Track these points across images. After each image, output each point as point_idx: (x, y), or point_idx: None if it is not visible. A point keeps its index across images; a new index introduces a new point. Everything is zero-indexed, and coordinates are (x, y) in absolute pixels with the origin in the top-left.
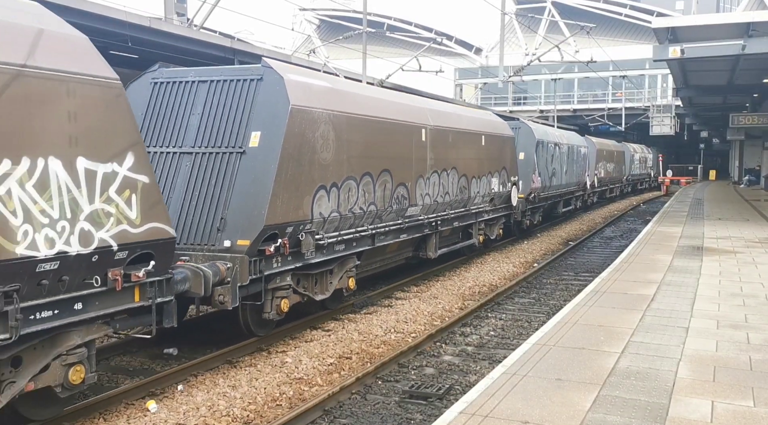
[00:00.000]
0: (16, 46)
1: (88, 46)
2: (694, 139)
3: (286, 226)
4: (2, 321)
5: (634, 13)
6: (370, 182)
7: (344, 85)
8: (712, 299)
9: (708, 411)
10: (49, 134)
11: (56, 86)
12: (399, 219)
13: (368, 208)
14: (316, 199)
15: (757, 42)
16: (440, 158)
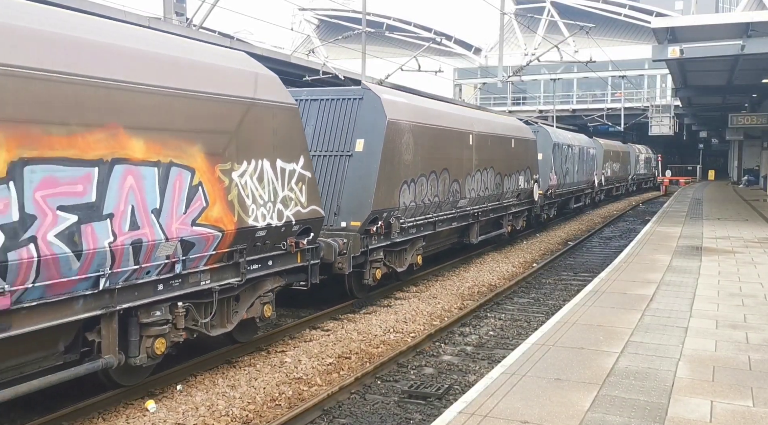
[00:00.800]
0: (248, 86)
1: (279, 82)
2: (693, 139)
3: (383, 212)
4: (236, 269)
5: (633, 13)
6: (434, 178)
7: (416, 100)
8: (711, 299)
9: (707, 411)
10: (263, 144)
11: (267, 111)
12: (452, 210)
13: (433, 200)
14: (401, 191)
15: (756, 42)
16: (482, 159)
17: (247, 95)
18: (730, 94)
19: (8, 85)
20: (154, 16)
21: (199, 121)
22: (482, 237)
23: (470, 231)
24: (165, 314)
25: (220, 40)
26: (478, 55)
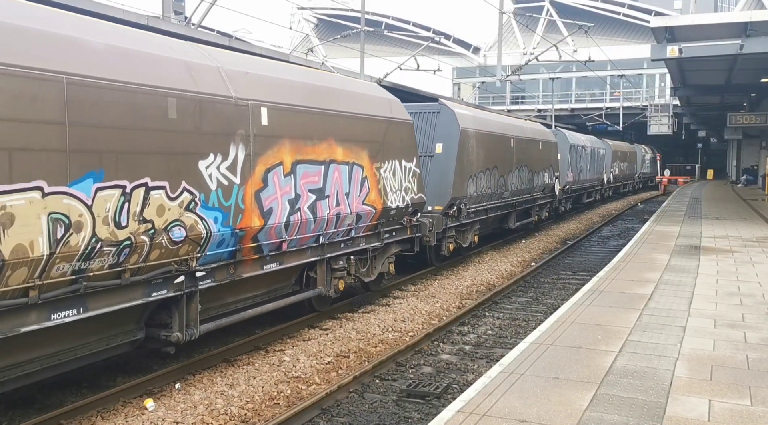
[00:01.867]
0: (387, 108)
1: (401, 105)
2: (692, 139)
3: (457, 199)
4: (378, 237)
5: (632, 12)
6: (488, 174)
7: (477, 112)
8: (710, 298)
9: (705, 410)
10: (395, 149)
11: (397, 126)
12: (499, 200)
13: (487, 191)
14: (468, 183)
15: (755, 41)
16: (519, 158)
17: (387, 115)
18: (728, 93)
19: (296, 118)
20: (153, 15)
21: (366, 135)
22: (517, 223)
23: (509, 218)
24: (344, 264)
25: (219, 39)
26: (477, 55)
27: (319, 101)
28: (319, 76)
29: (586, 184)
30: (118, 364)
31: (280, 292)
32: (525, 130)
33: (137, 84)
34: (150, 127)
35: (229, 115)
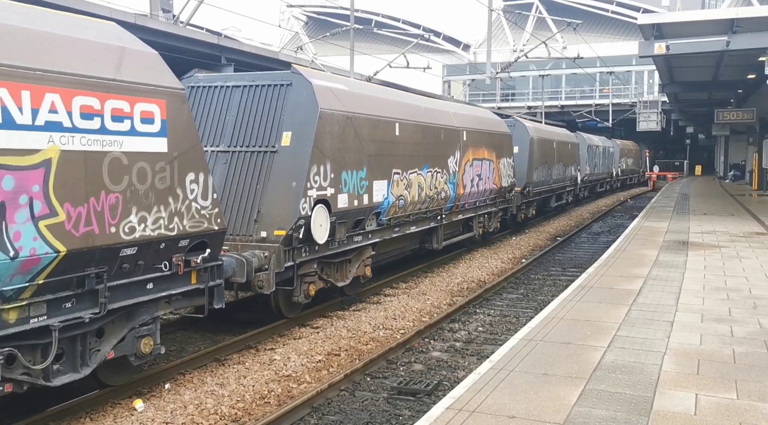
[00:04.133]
0: (501, 125)
1: (503, 122)
2: (680, 135)
3: (529, 183)
4: (495, 204)
5: (620, 9)
6: (543, 167)
7: (536, 124)
8: (697, 293)
9: (692, 403)
10: (503, 150)
11: (505, 136)
12: (547, 186)
13: (542, 179)
14: (533, 173)
15: (741, 38)
16: (558, 156)
17: (501, 130)
18: (716, 89)
19: (475, 136)
20: (140, 13)
21: (495, 143)
22: (555, 204)
23: (551, 200)
24: (481, 220)
25: (208, 38)
26: (467, 52)
27: (482, 125)
28: (480, 111)
29: (599, 176)
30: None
31: (454, 236)
32: (560, 135)
33: (443, 125)
34: (434, 143)
35: (455, 136)
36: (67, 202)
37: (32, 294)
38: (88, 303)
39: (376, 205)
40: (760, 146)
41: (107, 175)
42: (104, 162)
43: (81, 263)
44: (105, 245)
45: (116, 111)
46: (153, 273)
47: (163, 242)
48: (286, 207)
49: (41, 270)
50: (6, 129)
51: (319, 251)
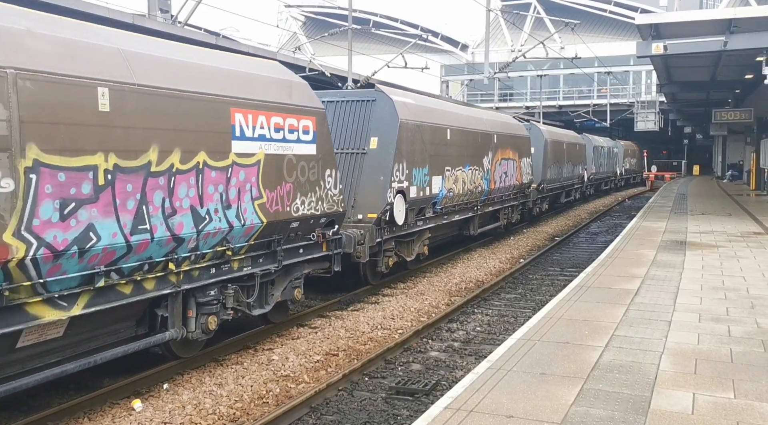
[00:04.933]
0: (522, 130)
1: (523, 126)
2: (678, 135)
3: (544, 181)
4: (517, 198)
5: (618, 9)
6: (555, 166)
7: (550, 127)
8: (695, 293)
9: (689, 403)
10: (523, 150)
11: (525, 138)
12: (558, 183)
13: (554, 176)
14: (547, 172)
15: (739, 38)
16: (568, 156)
17: (523, 134)
18: (713, 89)
19: (504, 139)
20: (138, 13)
21: (517, 145)
22: (565, 200)
23: (561, 196)
24: (506, 212)
25: (206, 38)
26: (465, 52)
27: (508, 129)
28: (505, 117)
29: (604, 175)
30: (105, 365)
31: (486, 225)
32: (570, 136)
33: (480, 130)
34: (473, 145)
35: (488, 139)
36: (267, 189)
37: (245, 251)
38: (270, 260)
39: (434, 195)
40: (757, 146)
41: (285, 171)
42: (284, 162)
43: (271, 231)
44: (284, 219)
45: (290, 126)
46: (304, 241)
47: (312, 219)
48: (377, 196)
49: (253, 235)
50: (240, 140)
51: (395, 231)
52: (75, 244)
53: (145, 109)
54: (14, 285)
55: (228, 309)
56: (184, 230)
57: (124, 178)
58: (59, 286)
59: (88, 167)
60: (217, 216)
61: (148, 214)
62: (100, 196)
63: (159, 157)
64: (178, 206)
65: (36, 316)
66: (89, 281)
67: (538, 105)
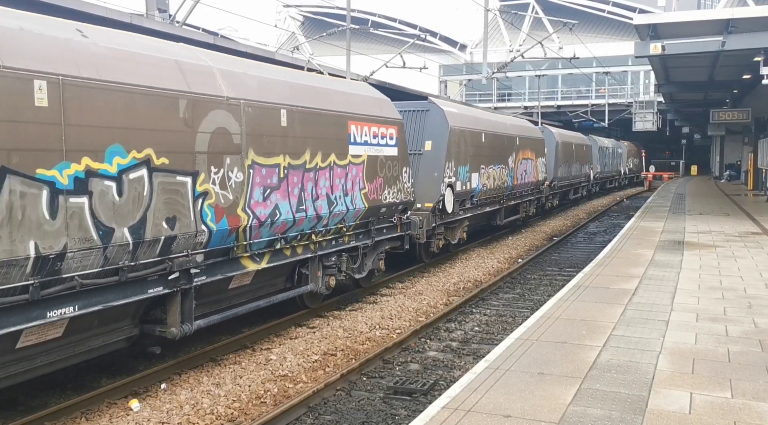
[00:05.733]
0: (539, 133)
1: (538, 129)
2: (676, 135)
3: (555, 178)
4: (533, 194)
5: (616, 9)
6: (565, 165)
7: (561, 130)
8: (692, 293)
9: (686, 402)
10: (539, 151)
11: (540, 140)
12: (567, 181)
13: (564, 175)
14: (558, 170)
15: (737, 38)
16: (576, 156)
17: (539, 136)
18: (711, 89)
19: (525, 141)
20: (136, 13)
21: (535, 146)
22: (573, 197)
23: (569, 193)
24: (526, 206)
25: (205, 38)
26: (464, 52)
27: (527, 132)
28: (524, 121)
29: (608, 174)
30: (102, 365)
31: (508, 216)
32: (577, 138)
33: (506, 134)
34: (500, 146)
35: (512, 141)
36: (368, 182)
37: (353, 229)
38: (367, 237)
39: (472, 189)
40: (755, 146)
41: (378, 168)
42: (378, 161)
43: (369, 214)
44: (377, 205)
45: (382, 133)
46: (387, 223)
47: (393, 206)
48: (432, 189)
49: (359, 216)
50: (354, 145)
51: (444, 218)
52: (269, 218)
53: (303, 123)
54: (238, 244)
55: (342, 272)
56: (322, 211)
57: (292, 173)
58: (257, 247)
59: (275, 165)
60: (340, 201)
61: (304, 198)
62: (281, 185)
63: (310, 158)
64: (320, 193)
65: (244, 266)
66: (271, 244)
67: (536, 105)
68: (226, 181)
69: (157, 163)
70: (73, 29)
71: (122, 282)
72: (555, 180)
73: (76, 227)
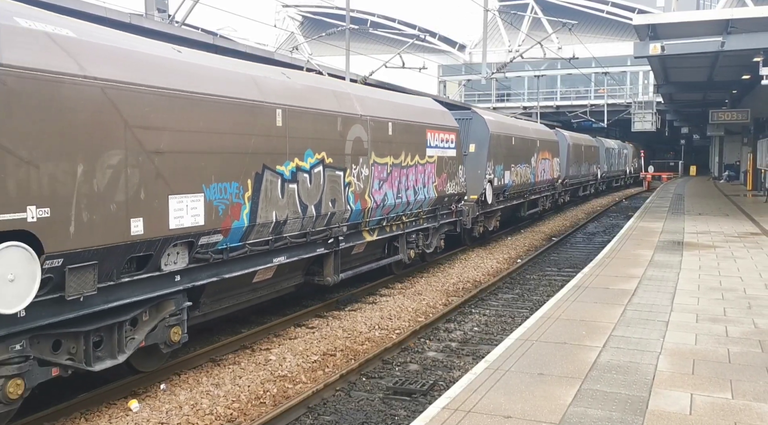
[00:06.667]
0: (553, 135)
1: (551, 131)
2: (675, 136)
3: (566, 177)
4: (549, 189)
5: (615, 10)
6: (575, 164)
7: (572, 133)
8: (692, 293)
9: (687, 403)
10: (554, 151)
11: (555, 142)
12: (577, 180)
13: (574, 173)
14: (568, 169)
15: (736, 39)
16: (585, 157)
17: (555, 139)
18: (710, 90)
19: (545, 144)
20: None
21: (552, 147)
22: (582, 194)
23: (579, 190)
24: (543, 201)
25: (204, 38)
26: (463, 52)
27: (545, 136)
28: (541, 126)
29: (614, 174)
30: None
31: (530, 209)
32: (586, 140)
33: (529, 137)
34: (525, 148)
35: (533, 144)
36: (438, 177)
37: (425, 214)
38: (433, 220)
39: (505, 185)
40: (754, 146)
41: (443, 166)
42: (443, 160)
43: (437, 202)
44: (442, 195)
45: (445, 139)
46: (446, 210)
47: (452, 196)
48: (476, 183)
49: (431, 203)
50: (429, 148)
51: (484, 208)
52: (381, 202)
53: (401, 132)
54: (362, 221)
55: (418, 247)
56: (411, 198)
57: (394, 170)
58: (371, 224)
59: (385, 163)
60: (420, 191)
61: (401, 189)
62: (389, 178)
63: (404, 158)
64: (409, 185)
65: (364, 237)
66: (379, 223)
67: (535, 105)
68: (360, 174)
69: (327, 162)
70: (281, 73)
71: (307, 243)
72: (567, 178)
73: (291, 204)
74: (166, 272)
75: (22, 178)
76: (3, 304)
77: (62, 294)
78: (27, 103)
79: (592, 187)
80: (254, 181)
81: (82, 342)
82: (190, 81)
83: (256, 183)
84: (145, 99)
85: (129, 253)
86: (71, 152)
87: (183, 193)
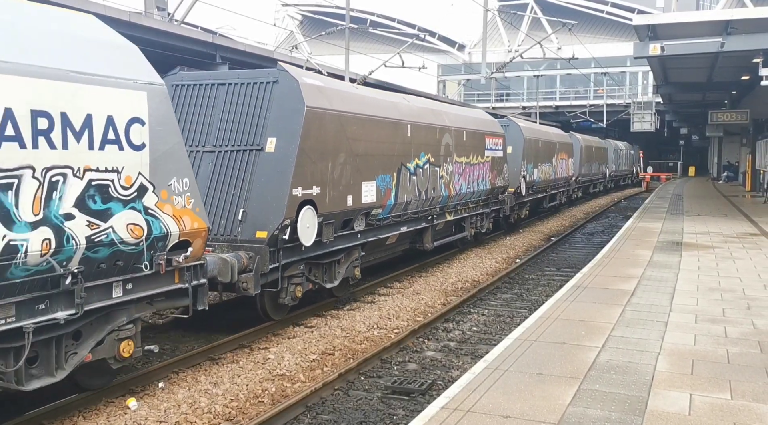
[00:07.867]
0: (567, 138)
1: (566, 135)
2: (674, 136)
3: (579, 175)
4: (565, 185)
5: (615, 10)
6: (586, 164)
7: (585, 135)
8: (691, 294)
9: (686, 404)
10: (568, 152)
11: (570, 144)
12: (587, 178)
13: (586, 172)
14: (580, 169)
15: (736, 39)
16: (596, 157)
17: (570, 141)
18: (710, 90)
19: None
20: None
21: (566, 148)
22: (592, 190)
23: (590, 187)
24: (560, 197)
25: (203, 36)
26: (462, 52)
27: (562, 138)
28: (559, 130)
29: (622, 173)
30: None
31: (551, 202)
32: (596, 142)
33: (550, 141)
34: (547, 150)
35: (553, 146)
36: (491, 172)
37: (481, 202)
38: (485, 207)
39: (534, 180)
40: (753, 147)
41: (495, 164)
42: (494, 160)
43: (489, 193)
44: (493, 187)
45: (495, 142)
46: (493, 200)
47: (498, 188)
48: (514, 178)
49: (486, 193)
50: (486, 150)
51: (519, 199)
52: (458, 191)
53: (470, 138)
54: (446, 204)
55: (475, 228)
56: (475, 188)
57: (466, 166)
58: (450, 208)
59: (461, 162)
60: (481, 183)
61: (470, 181)
62: (463, 172)
63: (472, 158)
64: (474, 178)
65: (446, 217)
66: (455, 207)
67: (534, 105)
68: (447, 170)
69: (431, 161)
70: (403, 97)
71: (417, 218)
72: (579, 176)
73: (413, 190)
74: (356, 231)
75: (312, 170)
76: (305, 240)
77: (320, 239)
78: (312, 126)
79: (601, 185)
80: (397, 174)
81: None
82: (367, 107)
83: (398, 175)
84: (352, 120)
85: (344, 217)
86: (327, 155)
87: (367, 180)
